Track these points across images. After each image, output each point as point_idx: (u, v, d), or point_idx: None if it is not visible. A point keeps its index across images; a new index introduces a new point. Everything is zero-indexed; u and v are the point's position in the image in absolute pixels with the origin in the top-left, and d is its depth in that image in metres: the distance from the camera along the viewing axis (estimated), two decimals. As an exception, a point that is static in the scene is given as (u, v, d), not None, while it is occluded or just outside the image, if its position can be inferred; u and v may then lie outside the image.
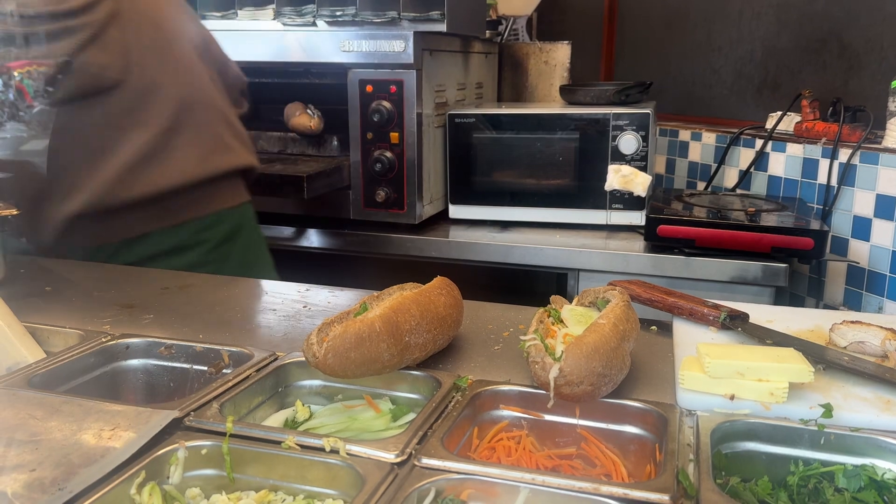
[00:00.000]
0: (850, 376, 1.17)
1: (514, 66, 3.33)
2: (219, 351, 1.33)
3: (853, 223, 2.41)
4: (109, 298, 1.61)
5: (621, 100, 2.58)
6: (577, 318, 1.26)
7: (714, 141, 2.97)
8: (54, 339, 1.39)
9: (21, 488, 0.90)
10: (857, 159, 2.39)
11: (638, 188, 2.38)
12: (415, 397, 1.23)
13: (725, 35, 3.14)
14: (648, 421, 1.11)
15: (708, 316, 1.38)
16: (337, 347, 1.10)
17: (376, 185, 2.48)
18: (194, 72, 1.90)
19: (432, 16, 2.38)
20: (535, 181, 2.53)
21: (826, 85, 2.73)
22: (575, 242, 2.38)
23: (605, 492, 0.90)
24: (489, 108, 2.65)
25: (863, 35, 2.62)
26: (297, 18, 2.47)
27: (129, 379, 1.35)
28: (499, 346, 1.38)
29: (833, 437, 1.04)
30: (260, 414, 1.20)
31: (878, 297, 2.33)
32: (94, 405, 1.09)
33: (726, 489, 0.98)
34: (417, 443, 1.01)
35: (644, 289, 1.50)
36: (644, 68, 3.43)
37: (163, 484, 0.99)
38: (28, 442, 1.00)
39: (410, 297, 1.24)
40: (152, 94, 1.79)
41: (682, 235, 2.23)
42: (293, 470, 1.01)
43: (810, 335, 1.34)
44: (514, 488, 0.93)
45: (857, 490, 0.99)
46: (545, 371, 1.08)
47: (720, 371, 1.11)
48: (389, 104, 2.40)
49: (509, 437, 1.14)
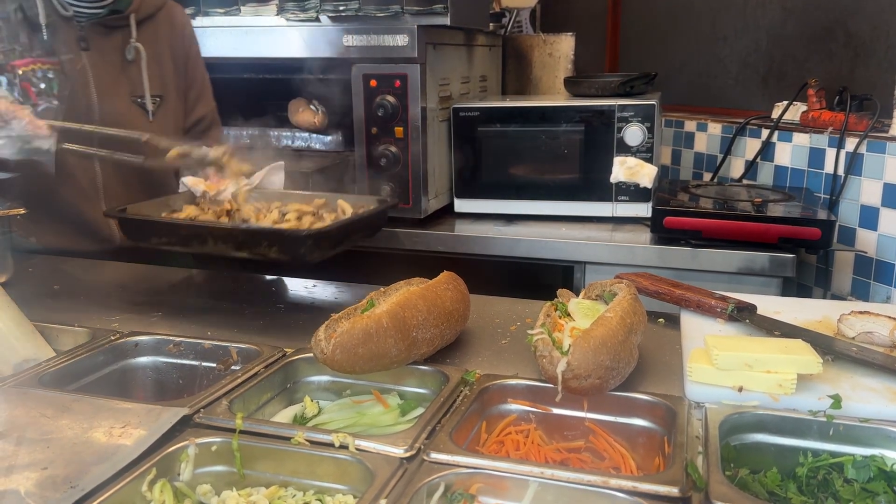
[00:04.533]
0: (858, 367, 1.17)
1: (518, 59, 3.32)
2: (227, 348, 1.33)
3: (860, 212, 2.40)
4: (118, 296, 1.61)
5: (626, 91, 2.57)
6: (584, 311, 1.26)
7: (720, 131, 2.96)
8: (63, 338, 1.40)
9: (33, 486, 0.91)
10: (864, 148, 2.37)
11: (644, 180, 2.38)
12: (423, 392, 1.23)
13: (730, 24, 3.12)
14: (657, 413, 1.11)
15: (715, 308, 1.38)
16: (345, 343, 1.11)
17: (381, 180, 2.48)
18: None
19: (435, 9, 2.37)
20: (541, 174, 2.53)
21: (832, 74, 2.71)
22: (581, 235, 2.38)
23: (614, 485, 0.91)
24: (493, 101, 2.64)
25: (869, 23, 2.61)
26: (301, 14, 2.47)
27: (139, 376, 1.36)
28: (506, 340, 1.38)
29: (842, 428, 1.04)
30: (269, 410, 1.21)
31: (887, 287, 2.32)
32: (105, 403, 1.10)
33: (735, 481, 0.98)
34: (426, 437, 1.02)
35: (651, 281, 1.50)
36: (649, 59, 3.42)
37: (174, 481, 1.00)
38: (39, 440, 1.00)
39: (417, 292, 1.24)
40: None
41: (688, 227, 2.22)
42: (303, 465, 1.01)
43: (818, 326, 1.34)
44: (523, 482, 0.94)
45: (866, 480, 0.99)
46: (553, 365, 1.08)
47: (728, 363, 1.10)
48: (393, 98, 2.39)
49: (518, 431, 1.14)
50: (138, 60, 1.92)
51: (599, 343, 1.07)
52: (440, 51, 2.50)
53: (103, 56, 1.87)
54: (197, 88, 2.12)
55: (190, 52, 2.10)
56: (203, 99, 2.15)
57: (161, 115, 1.97)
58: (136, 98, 1.92)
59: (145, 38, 1.94)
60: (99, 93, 1.84)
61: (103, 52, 1.87)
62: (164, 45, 2.00)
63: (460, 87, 2.73)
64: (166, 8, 2.03)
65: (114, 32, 1.89)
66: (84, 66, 1.83)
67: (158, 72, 1.98)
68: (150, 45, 1.95)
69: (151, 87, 1.95)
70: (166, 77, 2.01)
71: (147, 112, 1.94)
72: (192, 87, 2.11)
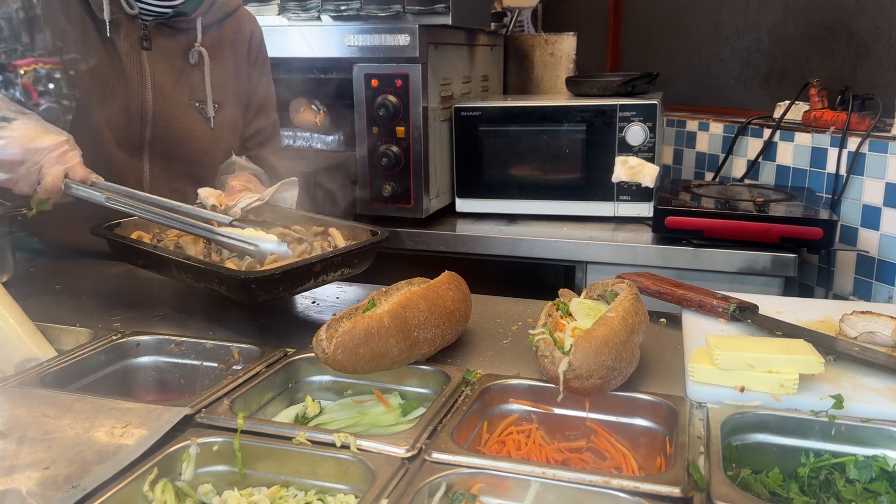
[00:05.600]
0: (860, 367, 1.17)
1: (519, 59, 3.32)
2: (229, 347, 1.33)
3: (862, 212, 2.39)
4: (119, 296, 1.61)
5: (628, 91, 2.57)
6: (586, 311, 1.26)
7: (722, 131, 2.96)
8: (65, 338, 1.40)
9: (35, 486, 0.91)
10: (866, 148, 2.37)
11: (645, 179, 2.38)
12: (424, 392, 1.23)
13: (732, 24, 3.12)
14: (658, 413, 1.11)
15: (717, 308, 1.38)
16: (346, 343, 1.11)
17: (383, 180, 2.48)
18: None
19: (437, 9, 2.37)
20: (542, 174, 2.53)
21: (834, 73, 2.71)
22: (582, 235, 2.38)
23: (616, 485, 0.90)
24: (495, 100, 2.64)
25: (871, 23, 2.60)
26: (302, 13, 2.47)
27: (140, 376, 1.36)
28: (507, 340, 1.38)
29: (844, 428, 1.04)
30: (270, 410, 1.21)
31: (889, 287, 2.32)
32: (106, 403, 1.10)
33: (737, 481, 0.98)
34: (427, 437, 1.02)
35: (653, 281, 1.50)
36: (650, 59, 3.42)
37: (175, 481, 1.00)
38: (41, 440, 1.01)
39: (418, 291, 1.24)
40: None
41: (690, 227, 2.22)
42: (304, 465, 1.01)
43: (820, 326, 1.33)
44: (525, 482, 0.93)
45: (868, 481, 0.99)
46: (554, 365, 1.08)
47: (730, 363, 1.10)
48: (395, 98, 2.39)
49: (519, 431, 1.14)
50: (201, 65, 1.88)
51: (601, 343, 1.07)
52: (442, 50, 2.50)
53: (165, 57, 1.84)
54: (259, 99, 2.07)
55: (256, 61, 2.05)
56: (265, 111, 2.10)
57: (219, 121, 1.93)
58: (194, 102, 1.89)
59: (211, 44, 1.90)
60: (155, 94, 1.81)
61: (165, 53, 1.84)
62: (229, 52, 1.96)
63: (462, 87, 2.73)
64: (236, 15, 1.99)
65: (178, 35, 1.86)
66: (142, 66, 1.80)
67: (221, 78, 1.94)
68: (215, 50, 1.92)
69: (213, 94, 1.91)
70: (228, 84, 1.97)
71: (207, 118, 1.90)
72: (255, 96, 2.06)
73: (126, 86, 1.79)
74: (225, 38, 1.96)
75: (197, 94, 1.89)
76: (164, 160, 1.87)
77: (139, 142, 1.82)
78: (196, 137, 1.89)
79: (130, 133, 1.81)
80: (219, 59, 1.93)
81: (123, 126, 1.80)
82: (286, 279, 1.36)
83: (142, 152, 1.84)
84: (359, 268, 1.52)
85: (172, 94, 1.85)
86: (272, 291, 1.36)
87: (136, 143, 1.82)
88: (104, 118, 1.78)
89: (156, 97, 1.82)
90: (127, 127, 1.80)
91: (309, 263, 1.39)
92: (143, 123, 1.81)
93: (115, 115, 1.79)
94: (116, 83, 1.78)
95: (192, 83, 1.89)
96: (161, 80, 1.83)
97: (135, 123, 1.80)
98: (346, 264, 1.47)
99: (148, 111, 1.81)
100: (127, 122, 1.80)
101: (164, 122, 1.84)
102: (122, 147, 1.81)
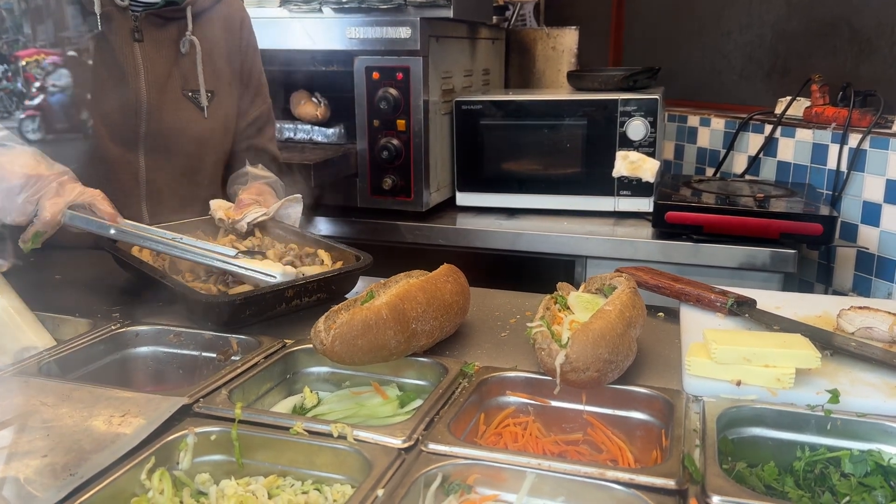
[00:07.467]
0: (857, 362, 1.17)
1: (521, 52, 3.31)
2: (227, 338, 1.34)
3: (863, 209, 2.39)
4: (118, 286, 1.62)
5: (629, 85, 2.56)
6: (584, 304, 1.26)
7: (723, 126, 2.96)
8: (64, 328, 1.40)
9: (33, 474, 0.91)
10: (868, 144, 2.37)
11: (646, 174, 2.38)
12: (422, 384, 1.24)
13: (734, 19, 3.11)
14: (655, 407, 1.12)
15: (715, 302, 1.38)
16: (344, 335, 1.11)
17: (383, 173, 2.48)
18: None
19: (439, 2, 2.36)
20: (543, 168, 2.53)
21: (836, 69, 2.70)
22: (582, 229, 2.38)
23: (611, 477, 0.91)
24: (496, 94, 2.64)
25: (873, 19, 2.60)
26: (304, 5, 2.46)
27: (139, 366, 1.36)
28: (505, 333, 1.38)
29: (840, 423, 1.04)
30: (268, 400, 1.21)
31: (888, 283, 2.32)
32: (105, 392, 1.10)
33: (732, 474, 0.99)
34: (424, 429, 1.02)
35: (651, 275, 1.50)
36: (652, 53, 3.41)
37: (172, 470, 1.00)
38: (40, 428, 1.01)
39: (417, 284, 1.25)
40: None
41: (690, 222, 2.22)
42: (301, 455, 1.01)
43: (818, 321, 1.34)
44: (521, 473, 0.94)
45: (863, 475, 0.99)
46: (551, 357, 1.08)
47: (727, 357, 1.11)
48: (396, 91, 2.39)
49: (516, 423, 1.15)
50: (193, 54, 1.87)
51: (598, 336, 1.07)
52: (443, 43, 2.50)
53: (157, 48, 1.82)
54: (254, 86, 2.06)
55: (248, 48, 2.04)
56: (260, 97, 2.09)
57: (213, 110, 1.92)
58: (187, 92, 1.88)
59: (201, 32, 1.89)
60: (149, 86, 1.80)
61: (157, 44, 1.82)
62: (220, 40, 1.95)
63: (463, 81, 2.72)
64: (225, 2, 1.98)
65: (169, 24, 1.84)
66: (135, 59, 1.79)
67: (212, 67, 1.93)
68: (206, 38, 1.90)
69: (206, 82, 1.90)
70: (220, 72, 1.96)
71: (201, 108, 1.89)
72: (250, 84, 2.05)
73: (120, 80, 1.77)
74: (216, 26, 1.95)
75: (190, 84, 1.88)
76: (160, 154, 1.85)
77: (134, 136, 1.80)
78: (190, 128, 1.87)
79: (125, 128, 1.79)
80: (210, 47, 1.92)
81: (118, 121, 1.78)
82: (250, 304, 1.36)
83: (137, 147, 1.81)
84: (337, 294, 1.53)
85: (166, 86, 1.83)
86: (238, 316, 1.36)
87: (131, 138, 1.80)
88: (99, 114, 1.75)
89: (149, 89, 1.80)
90: (122, 122, 1.78)
91: (279, 290, 1.40)
92: (139, 118, 1.79)
93: (111, 110, 1.76)
94: (110, 78, 1.76)
95: (184, 73, 1.87)
96: (154, 72, 1.82)
97: (129, 118, 1.78)
98: (321, 290, 1.48)
99: (142, 104, 1.80)
100: (122, 117, 1.77)
101: (158, 114, 1.82)
102: (116, 142, 1.79)
